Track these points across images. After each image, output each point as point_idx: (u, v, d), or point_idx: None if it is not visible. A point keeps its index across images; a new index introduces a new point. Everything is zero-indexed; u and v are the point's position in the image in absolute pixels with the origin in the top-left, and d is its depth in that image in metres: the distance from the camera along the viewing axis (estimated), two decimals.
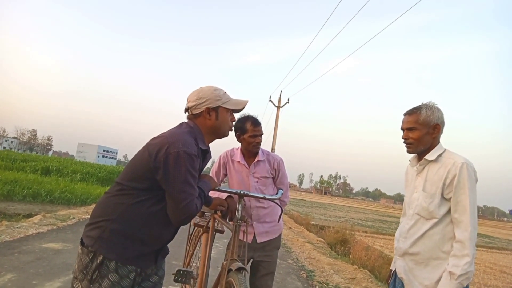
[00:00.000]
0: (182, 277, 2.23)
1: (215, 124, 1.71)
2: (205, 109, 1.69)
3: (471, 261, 1.67)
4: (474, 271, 1.71)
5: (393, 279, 2.01)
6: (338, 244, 10.05)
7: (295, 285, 4.84)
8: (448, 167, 1.78)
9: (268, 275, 2.60)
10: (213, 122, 1.71)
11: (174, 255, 4.79)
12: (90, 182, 20.58)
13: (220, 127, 1.73)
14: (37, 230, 5.66)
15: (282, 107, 21.00)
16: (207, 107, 1.69)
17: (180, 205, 1.50)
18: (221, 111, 1.72)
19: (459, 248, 1.70)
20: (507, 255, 17.58)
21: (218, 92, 1.72)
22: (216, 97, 1.71)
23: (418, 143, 1.89)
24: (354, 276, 5.75)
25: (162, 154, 1.50)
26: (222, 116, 1.72)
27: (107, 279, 1.47)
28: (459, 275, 1.65)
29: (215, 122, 1.71)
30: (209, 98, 1.70)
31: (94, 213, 1.57)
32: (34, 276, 3.55)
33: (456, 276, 1.65)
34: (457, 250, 1.70)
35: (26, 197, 12.75)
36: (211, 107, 1.70)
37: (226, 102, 1.72)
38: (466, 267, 1.65)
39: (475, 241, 1.72)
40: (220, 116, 1.71)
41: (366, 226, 22.31)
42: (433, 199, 1.80)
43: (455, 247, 1.72)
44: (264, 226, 2.62)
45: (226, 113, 1.73)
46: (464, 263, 1.66)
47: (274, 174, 2.70)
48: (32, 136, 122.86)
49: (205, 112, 1.70)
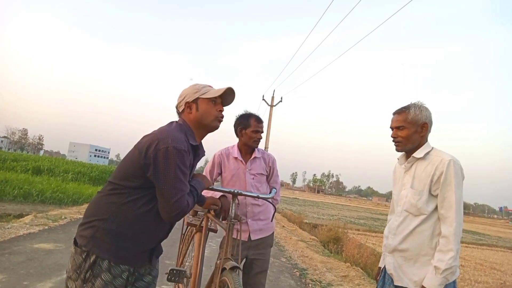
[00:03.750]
0: (175, 276, 2.24)
1: (197, 115, 1.72)
2: (185, 103, 1.73)
3: (455, 256, 1.72)
4: (458, 265, 1.77)
5: (382, 276, 2.04)
6: (331, 242, 10.09)
7: (288, 283, 4.86)
8: (435, 164, 1.82)
9: (262, 273, 2.63)
10: (195, 114, 1.72)
11: (168, 255, 4.78)
12: (82, 181, 20.41)
13: (202, 118, 1.72)
14: (28, 231, 5.60)
15: (275, 106, 21.05)
16: (186, 102, 1.72)
17: (171, 201, 1.50)
18: (200, 102, 1.72)
19: (444, 244, 1.75)
20: (497, 251, 17.84)
21: (197, 86, 1.76)
22: (194, 90, 1.74)
23: (407, 141, 1.92)
24: (347, 273, 5.79)
25: (151, 151, 1.50)
26: (202, 107, 1.72)
27: (100, 278, 1.47)
28: (443, 269, 1.70)
29: (196, 114, 1.72)
30: (188, 93, 1.74)
31: (87, 213, 1.57)
32: (25, 277, 3.52)
33: (441, 271, 1.70)
34: (442, 245, 1.75)
35: (17, 197, 12.60)
36: (190, 100, 1.72)
37: (204, 93, 1.73)
38: (451, 262, 1.70)
39: (460, 237, 1.77)
40: (200, 107, 1.72)
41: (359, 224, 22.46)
42: (421, 195, 1.84)
43: (440, 242, 1.77)
44: (258, 223, 2.65)
45: (206, 103, 1.73)
46: (448, 258, 1.71)
47: (269, 172, 2.76)
48: (22, 135, 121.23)
49: (186, 107, 1.73)
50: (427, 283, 1.75)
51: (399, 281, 1.89)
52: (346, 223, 18.30)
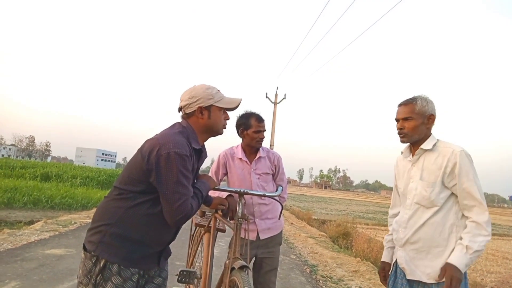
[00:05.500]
0: (185, 277, 2.25)
1: (208, 123, 1.71)
2: (197, 108, 1.69)
3: (487, 241, 1.74)
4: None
5: (394, 270, 2.02)
6: (340, 237, 10.06)
7: (298, 280, 4.87)
8: (446, 155, 1.81)
9: (272, 271, 2.63)
10: (206, 121, 1.70)
11: (177, 256, 4.80)
12: (90, 186, 20.52)
13: (213, 125, 1.72)
14: (39, 237, 5.66)
15: (279, 103, 21.00)
16: (200, 106, 1.69)
17: (174, 206, 1.50)
18: (213, 110, 1.71)
19: (475, 227, 1.74)
20: (509, 241, 17.66)
21: (210, 91, 1.72)
22: (209, 96, 1.70)
23: (413, 132, 1.91)
24: (358, 268, 5.77)
25: (153, 156, 1.50)
26: (215, 114, 1.71)
27: (110, 282, 1.48)
28: (475, 250, 1.70)
29: (207, 121, 1.70)
30: (202, 97, 1.69)
31: (95, 218, 1.58)
32: (38, 283, 3.56)
33: (472, 251, 1.70)
34: (474, 228, 1.74)
35: (27, 204, 12.70)
36: (203, 106, 1.69)
37: (219, 101, 1.72)
38: (483, 244, 1.72)
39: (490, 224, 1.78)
40: (212, 115, 1.71)
41: (368, 218, 22.36)
42: (434, 187, 1.83)
43: (470, 226, 1.76)
44: (266, 222, 2.64)
45: (219, 111, 1.72)
46: (481, 240, 1.72)
47: (274, 170, 2.74)
48: (30, 142, 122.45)
49: (197, 111, 1.69)
50: (455, 261, 1.71)
51: (411, 275, 1.87)
52: (355, 217, 18.20)
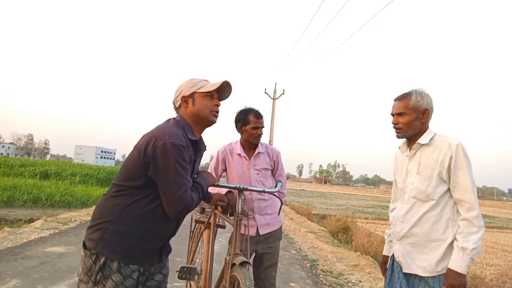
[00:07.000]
0: (186, 273, 2.25)
1: (193, 110, 1.71)
2: (181, 98, 1.72)
3: (480, 236, 1.72)
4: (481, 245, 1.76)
5: (391, 264, 2.03)
6: (340, 232, 10.08)
7: (299, 275, 4.88)
8: (443, 149, 1.82)
9: (272, 267, 2.63)
10: (191, 108, 1.71)
11: (178, 252, 4.81)
12: (90, 183, 20.50)
13: (199, 112, 1.71)
14: (39, 235, 5.67)
15: (277, 99, 20.97)
16: (183, 96, 1.71)
17: (174, 197, 1.50)
18: (196, 97, 1.71)
19: (466, 225, 1.74)
20: (508, 234, 17.72)
21: (193, 81, 1.74)
22: (190, 85, 1.72)
23: (408, 128, 1.91)
24: (358, 263, 5.79)
25: (150, 148, 1.50)
26: (199, 101, 1.71)
27: (110, 279, 1.48)
28: (471, 248, 1.69)
29: (192, 108, 1.71)
30: (184, 87, 1.73)
31: (94, 216, 1.58)
32: (39, 281, 3.57)
33: (469, 251, 1.69)
34: (465, 227, 1.74)
35: (27, 202, 12.70)
36: (186, 95, 1.71)
37: (201, 88, 1.72)
38: (477, 240, 1.71)
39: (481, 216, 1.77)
40: (196, 101, 1.71)
41: (367, 212, 22.41)
42: (430, 181, 1.83)
43: (462, 225, 1.76)
44: (266, 218, 2.64)
45: (203, 97, 1.71)
46: (474, 238, 1.71)
47: (273, 166, 2.74)
48: (28, 140, 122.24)
49: (182, 101, 1.72)
50: (455, 265, 1.71)
51: (408, 268, 1.89)
52: (355, 212, 18.26)
